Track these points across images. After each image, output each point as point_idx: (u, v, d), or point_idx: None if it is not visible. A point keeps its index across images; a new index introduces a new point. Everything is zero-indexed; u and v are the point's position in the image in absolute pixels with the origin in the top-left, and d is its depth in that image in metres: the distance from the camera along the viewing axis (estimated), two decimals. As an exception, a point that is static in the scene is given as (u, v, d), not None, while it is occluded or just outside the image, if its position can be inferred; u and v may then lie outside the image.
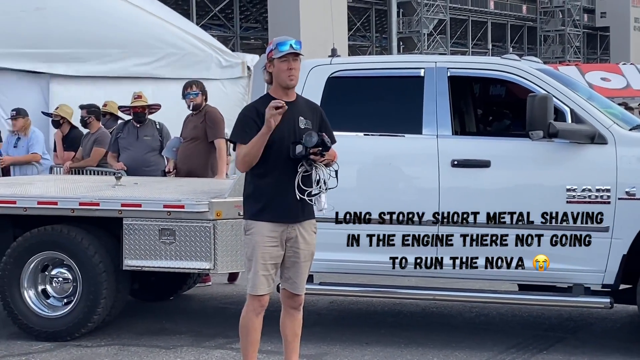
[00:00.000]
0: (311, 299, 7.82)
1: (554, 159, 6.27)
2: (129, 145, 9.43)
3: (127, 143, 9.45)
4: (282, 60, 5.17)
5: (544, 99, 6.09)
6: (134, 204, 6.69)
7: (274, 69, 5.22)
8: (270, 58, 5.22)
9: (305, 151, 5.07)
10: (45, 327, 6.85)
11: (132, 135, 9.48)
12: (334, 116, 6.24)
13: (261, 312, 5.28)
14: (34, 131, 10.77)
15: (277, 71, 5.20)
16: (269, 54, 5.23)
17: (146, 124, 9.55)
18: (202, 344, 6.79)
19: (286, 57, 5.17)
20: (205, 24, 41.52)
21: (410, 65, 6.93)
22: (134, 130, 9.51)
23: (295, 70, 5.20)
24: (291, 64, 5.18)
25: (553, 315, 7.60)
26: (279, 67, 5.19)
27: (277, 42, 5.21)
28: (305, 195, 5.13)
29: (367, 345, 6.68)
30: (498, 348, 6.58)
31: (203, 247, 6.52)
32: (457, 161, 6.40)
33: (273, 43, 5.23)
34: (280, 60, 5.17)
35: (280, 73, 5.19)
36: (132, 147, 9.42)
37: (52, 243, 6.86)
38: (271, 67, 5.24)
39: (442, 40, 55.69)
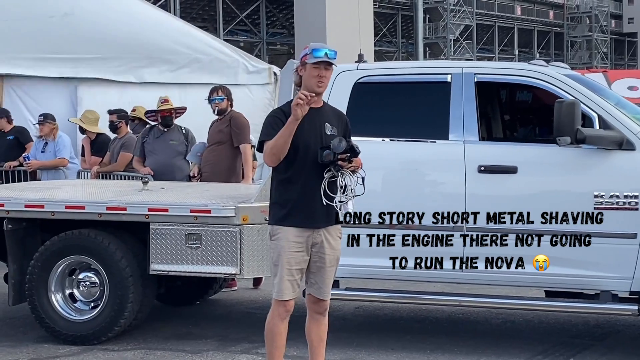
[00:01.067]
0: (337, 304, 7.82)
1: (582, 165, 6.24)
2: (155, 149, 9.47)
3: (153, 148, 9.50)
4: (314, 66, 5.17)
5: (571, 104, 6.06)
6: (160, 208, 6.72)
7: (305, 73, 5.22)
8: (303, 62, 5.23)
9: (334, 157, 5.07)
10: (72, 330, 6.89)
11: (158, 139, 9.52)
12: (361, 122, 6.27)
13: (286, 317, 5.28)
14: (60, 136, 10.86)
15: (308, 76, 5.20)
16: (303, 57, 5.23)
17: (172, 129, 9.60)
18: (228, 348, 6.80)
19: (319, 65, 5.17)
20: (231, 30, 41.69)
21: (437, 71, 6.92)
22: (160, 134, 9.54)
23: (325, 78, 5.21)
24: (322, 71, 5.18)
25: (580, 322, 7.55)
26: (310, 72, 5.19)
27: (313, 47, 5.20)
28: (333, 202, 5.13)
29: (393, 351, 6.66)
30: (525, 355, 6.54)
31: (229, 252, 6.54)
32: (483, 167, 6.38)
33: (309, 47, 5.22)
34: (312, 66, 5.17)
35: (310, 78, 5.19)
36: (158, 152, 9.46)
37: (79, 247, 6.90)
38: (302, 71, 5.25)
39: (469, 46, 55.52)
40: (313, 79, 5.18)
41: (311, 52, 5.18)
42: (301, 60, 5.25)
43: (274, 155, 5.13)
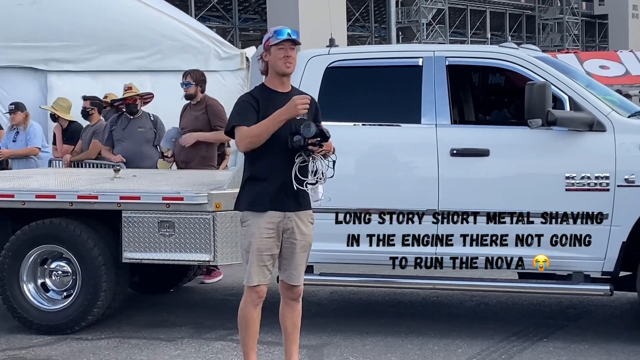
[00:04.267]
0: (312, 289, 7.83)
1: (553, 147, 6.27)
2: (123, 137, 9.38)
3: (121, 136, 9.40)
4: (279, 47, 5.16)
5: (542, 87, 6.07)
6: (132, 196, 6.68)
7: (270, 57, 5.20)
8: (267, 46, 5.21)
9: (304, 142, 5.06)
10: (45, 320, 6.85)
11: (126, 127, 9.43)
12: (333, 106, 6.26)
13: (259, 303, 5.27)
14: (32, 125, 10.75)
15: (274, 59, 5.19)
16: (266, 42, 5.22)
17: (140, 116, 9.49)
18: (203, 335, 6.79)
19: (283, 45, 5.15)
20: (203, 16, 41.47)
21: (408, 55, 6.91)
22: (127, 122, 9.46)
23: (292, 58, 5.19)
24: (288, 51, 5.17)
25: (553, 303, 7.61)
26: (275, 54, 5.17)
27: (274, 29, 5.21)
28: (303, 185, 5.12)
29: (367, 335, 6.68)
30: (499, 336, 6.58)
31: (203, 239, 6.52)
32: (456, 150, 6.39)
33: (270, 31, 5.23)
34: (277, 48, 5.16)
35: (276, 60, 5.17)
36: (126, 140, 9.37)
37: (50, 236, 6.85)
38: (267, 56, 5.23)
39: (441, 30, 55.58)
40: (280, 61, 5.16)
41: (274, 34, 5.18)
42: (264, 45, 5.24)
43: (251, 144, 5.12)
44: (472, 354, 6.20)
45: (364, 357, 6.19)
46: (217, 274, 8.80)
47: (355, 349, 6.37)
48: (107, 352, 6.42)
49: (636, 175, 6.06)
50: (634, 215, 6.09)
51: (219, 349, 6.43)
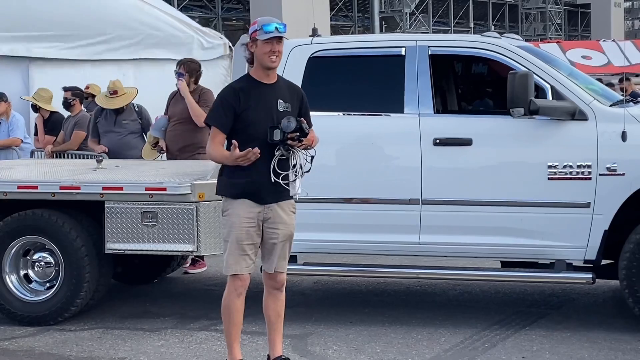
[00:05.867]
0: (295, 279, 7.84)
1: (535, 136, 6.29)
2: (109, 129, 9.36)
3: (107, 127, 9.38)
4: (265, 42, 5.14)
5: (524, 76, 6.09)
6: (115, 187, 6.66)
7: (257, 50, 5.19)
8: (253, 38, 5.19)
9: (283, 136, 5.05)
10: (28, 311, 6.82)
11: (111, 120, 9.40)
12: (316, 96, 6.24)
13: (242, 292, 5.27)
14: (14, 115, 10.70)
15: (260, 52, 5.17)
16: (253, 33, 5.19)
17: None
18: (187, 326, 6.79)
19: (270, 40, 5.14)
20: (186, 6, 41.22)
21: (391, 45, 6.92)
22: (113, 115, 9.43)
23: (278, 52, 5.18)
24: (275, 46, 5.16)
25: (536, 291, 7.64)
26: (261, 48, 5.16)
27: (262, 23, 5.17)
28: (280, 179, 5.11)
29: (351, 325, 6.69)
30: (482, 325, 6.61)
31: (186, 230, 6.51)
32: (439, 139, 6.40)
33: (258, 23, 5.18)
34: (263, 42, 5.14)
35: (262, 55, 5.16)
36: (112, 132, 9.35)
37: (33, 227, 6.82)
38: (253, 47, 5.21)
39: (424, 19, 55.58)
40: (265, 55, 5.15)
41: (261, 28, 5.15)
42: (251, 36, 5.22)
43: (213, 161, 5.36)
44: (455, 342, 6.23)
45: (348, 346, 6.21)
46: (202, 264, 8.79)
47: (339, 338, 6.39)
48: (90, 343, 6.40)
49: (618, 163, 6.09)
50: (616, 204, 6.12)
51: (203, 339, 6.43)
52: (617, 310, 6.97)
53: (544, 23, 64.50)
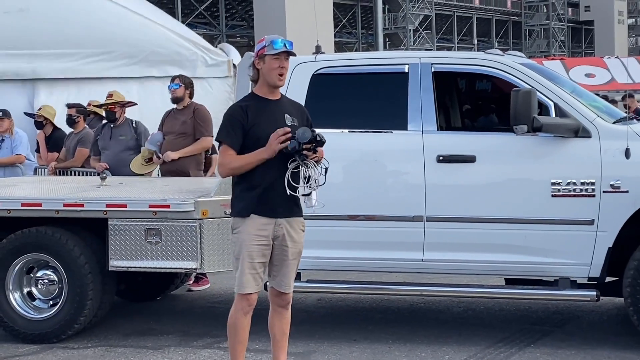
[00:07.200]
0: (299, 296, 7.83)
1: (539, 153, 6.28)
2: (106, 145, 9.40)
3: (104, 144, 9.42)
4: (274, 57, 5.16)
5: (527, 93, 6.09)
6: (119, 204, 6.66)
7: (264, 66, 5.20)
8: (261, 54, 5.20)
9: (299, 146, 5.05)
10: (31, 329, 6.81)
11: (109, 136, 9.44)
12: (319, 113, 6.25)
13: (249, 311, 5.26)
14: (17, 132, 10.70)
15: (268, 69, 5.19)
16: (261, 50, 5.20)
17: (122, 124, 9.47)
18: (190, 343, 6.77)
19: (279, 56, 5.16)
20: (190, 23, 41.44)
21: (394, 62, 6.93)
22: (110, 131, 9.47)
23: (285, 70, 5.21)
24: (283, 62, 5.19)
25: (540, 308, 7.62)
26: (270, 64, 5.17)
27: (270, 39, 5.19)
28: (296, 192, 5.11)
29: (355, 342, 6.67)
30: (486, 342, 6.59)
31: (189, 247, 6.50)
32: (442, 156, 6.40)
33: (266, 40, 5.21)
34: (272, 58, 5.16)
35: (270, 71, 5.18)
36: (109, 148, 9.38)
37: (36, 245, 6.82)
38: (260, 64, 5.22)
39: (428, 36, 55.76)
40: (274, 71, 5.17)
41: (270, 44, 5.17)
42: (258, 53, 5.22)
43: (232, 172, 5.20)
44: (459, 360, 6.21)
45: (352, 364, 6.19)
46: (205, 281, 8.78)
47: (343, 355, 6.37)
48: (93, 361, 6.40)
49: (621, 181, 6.08)
50: (620, 221, 6.11)
51: (206, 357, 6.41)
52: (622, 327, 6.94)
53: (547, 40, 64.69)
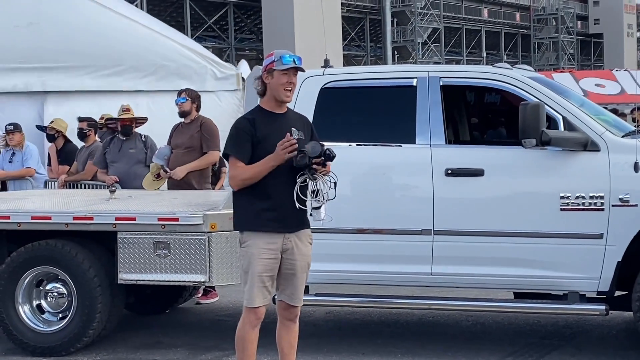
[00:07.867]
0: (307, 309, 7.81)
1: (547, 167, 6.28)
2: (115, 159, 9.44)
3: (113, 157, 9.47)
4: (283, 73, 5.17)
5: (536, 107, 6.10)
6: (128, 217, 6.68)
7: (272, 80, 5.21)
8: (270, 69, 5.21)
9: (309, 160, 5.07)
10: (40, 342, 6.82)
11: (118, 149, 9.48)
12: (328, 127, 6.28)
13: (257, 324, 5.26)
14: (28, 146, 10.75)
15: (276, 83, 5.20)
16: (269, 65, 5.21)
17: (131, 137, 9.55)
18: (198, 357, 6.77)
19: (287, 71, 5.18)
20: (199, 36, 41.61)
21: (402, 75, 6.94)
22: (119, 143, 9.52)
23: (293, 85, 5.23)
24: (291, 78, 5.20)
25: (549, 322, 7.60)
26: (278, 79, 5.19)
27: (280, 54, 5.21)
28: (305, 206, 5.12)
29: (363, 356, 6.67)
30: (495, 356, 6.57)
31: (198, 260, 6.51)
32: (450, 170, 6.40)
33: (275, 55, 5.22)
34: (281, 73, 5.17)
35: (278, 86, 5.19)
36: (118, 161, 9.42)
37: (46, 258, 6.84)
38: (268, 79, 5.23)
39: (437, 49, 55.80)
40: (281, 87, 5.18)
41: (280, 59, 5.18)
42: (266, 68, 5.24)
43: (244, 185, 5.16)
44: (468, 374, 6.20)
45: (360, 377, 6.18)
46: (213, 294, 8.79)
47: (351, 369, 6.37)
48: (102, 374, 6.41)
49: (630, 194, 6.07)
50: (629, 235, 6.10)
51: (215, 370, 6.42)
52: (631, 342, 6.92)
53: (556, 53, 64.69)
